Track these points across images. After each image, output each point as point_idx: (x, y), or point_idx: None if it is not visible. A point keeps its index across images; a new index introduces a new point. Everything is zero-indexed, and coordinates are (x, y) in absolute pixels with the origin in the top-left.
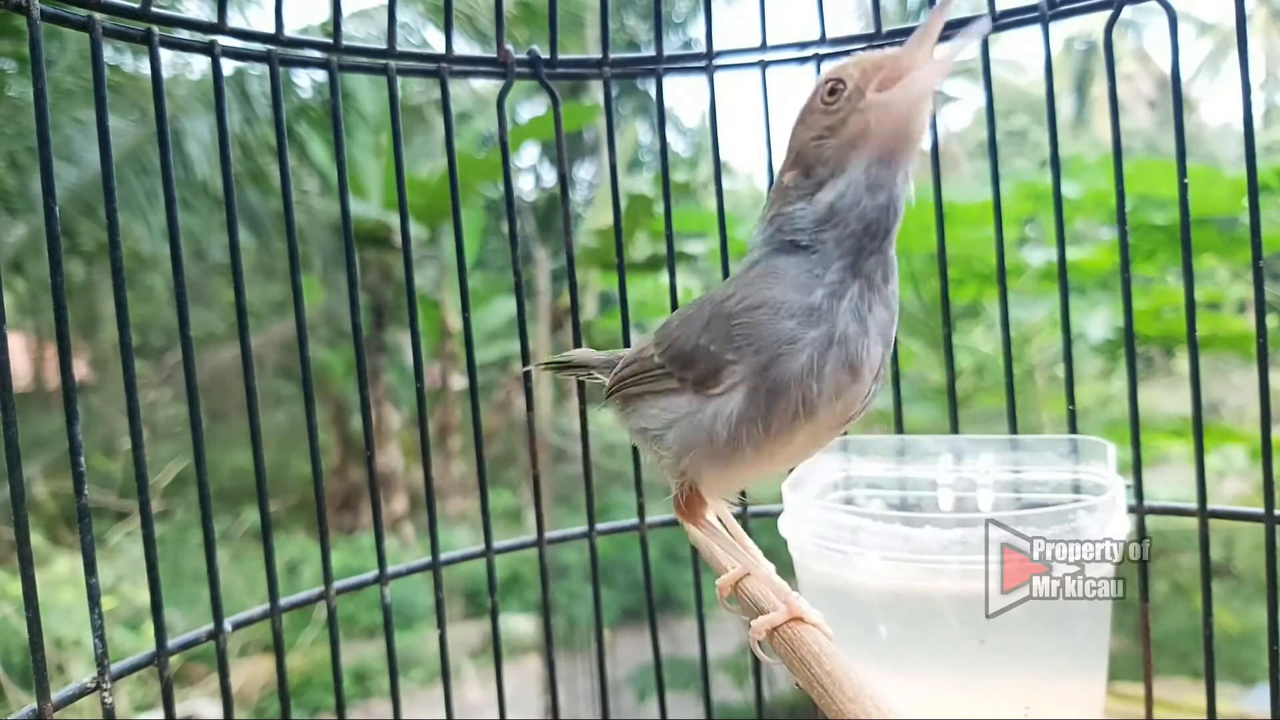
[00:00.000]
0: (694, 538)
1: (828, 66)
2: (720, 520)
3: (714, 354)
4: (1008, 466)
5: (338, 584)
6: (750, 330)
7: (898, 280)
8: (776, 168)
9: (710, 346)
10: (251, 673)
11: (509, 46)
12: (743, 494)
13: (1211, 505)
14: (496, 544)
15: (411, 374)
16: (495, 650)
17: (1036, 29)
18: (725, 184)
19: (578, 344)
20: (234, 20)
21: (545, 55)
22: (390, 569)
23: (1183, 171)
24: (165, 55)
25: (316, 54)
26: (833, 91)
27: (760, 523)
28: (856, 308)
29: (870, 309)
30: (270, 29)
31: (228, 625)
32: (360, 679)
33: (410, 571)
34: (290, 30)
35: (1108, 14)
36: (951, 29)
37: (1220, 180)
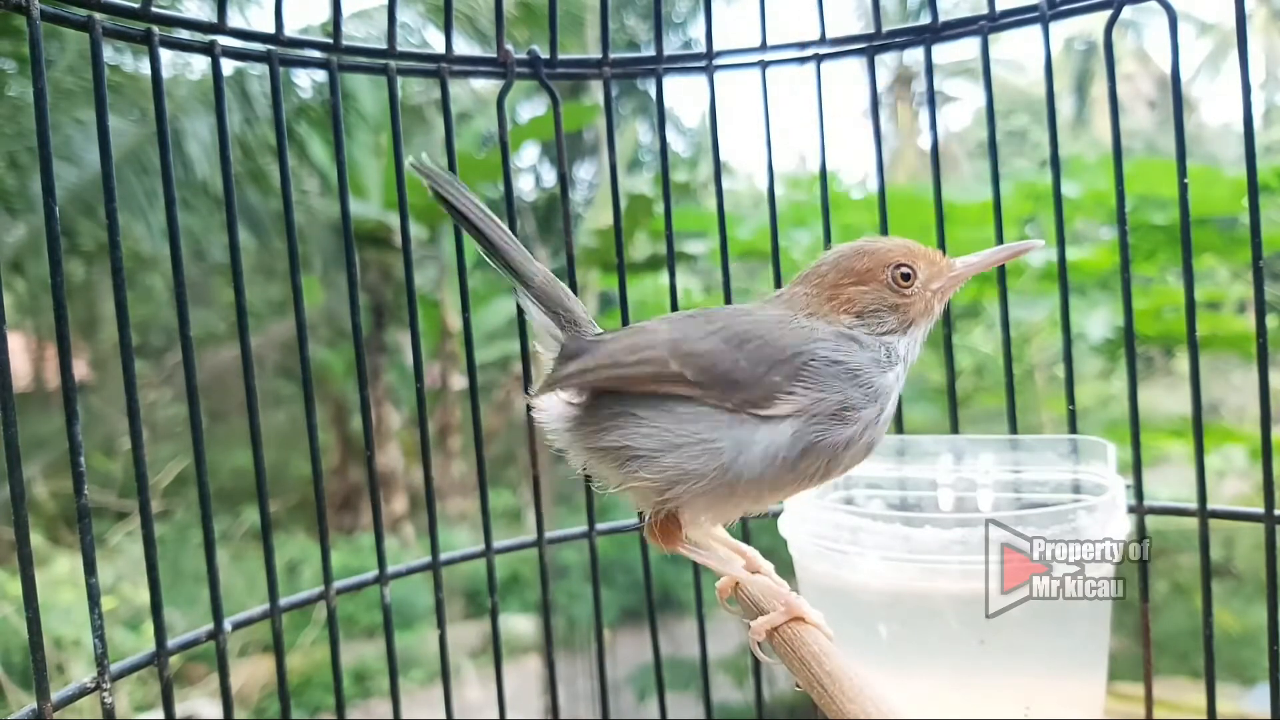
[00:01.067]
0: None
1: (884, 248)
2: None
3: (775, 384)
4: (1008, 466)
5: (338, 584)
6: (823, 380)
7: None
8: (776, 168)
9: (774, 378)
10: (251, 673)
11: (509, 46)
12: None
13: (1211, 505)
14: (496, 544)
15: (411, 374)
16: (495, 650)
17: (1036, 29)
18: (725, 184)
19: None
20: (234, 20)
21: (545, 55)
22: (390, 569)
23: (1183, 171)
24: (165, 55)
25: (316, 54)
26: (905, 278)
27: (760, 523)
28: (892, 400)
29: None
30: (270, 29)
31: (228, 625)
32: (360, 679)
33: (410, 571)
34: (290, 30)
35: (1108, 14)
36: (952, 29)
37: (1220, 180)
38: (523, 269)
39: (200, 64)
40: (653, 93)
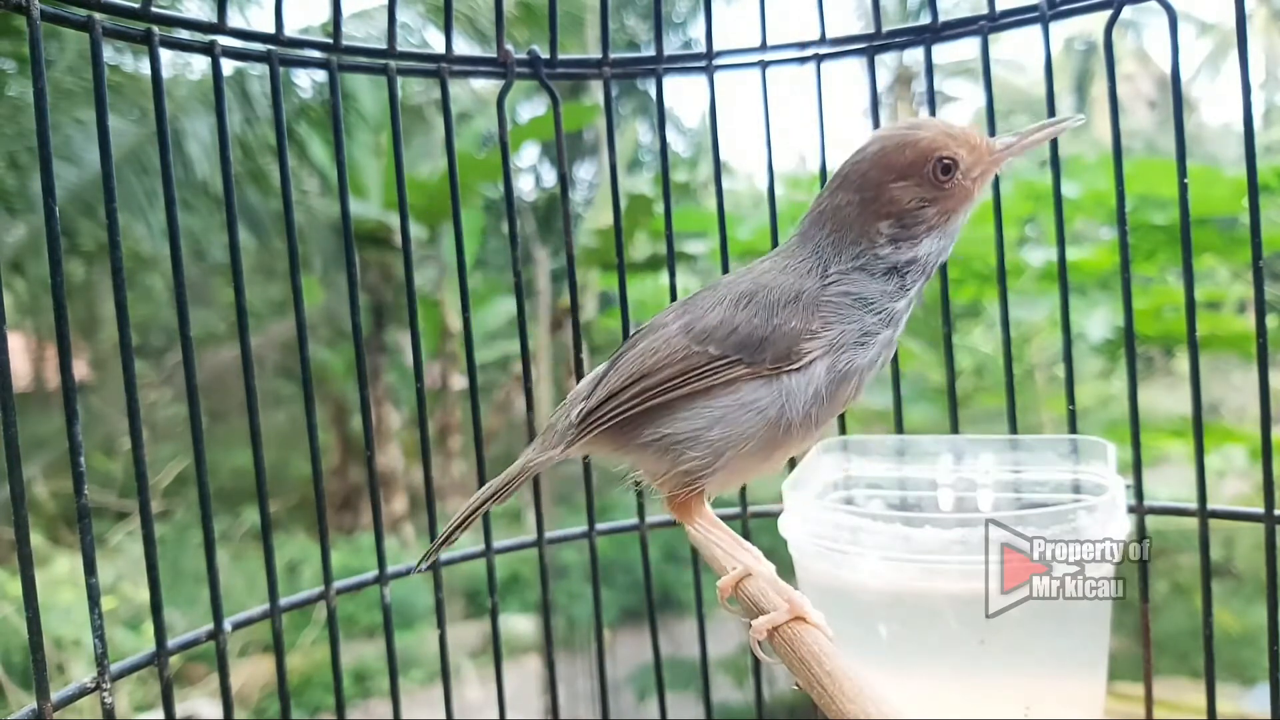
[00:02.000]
0: (694, 539)
1: (928, 137)
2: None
3: (795, 330)
4: (1008, 466)
5: (338, 584)
6: (840, 311)
7: None
8: (776, 168)
9: (792, 322)
10: (251, 673)
11: (509, 46)
12: (743, 494)
13: (1211, 505)
14: (496, 544)
15: (411, 374)
16: (495, 650)
17: (1036, 29)
18: (725, 184)
19: (578, 344)
20: (234, 20)
21: (545, 55)
22: (390, 569)
23: (1183, 171)
24: (165, 55)
25: (316, 54)
26: (946, 170)
27: (760, 523)
28: (904, 321)
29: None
30: (270, 29)
31: (228, 625)
32: (360, 679)
33: (410, 571)
34: (290, 30)
35: (1108, 14)
36: (952, 29)
37: (1220, 180)
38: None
39: (200, 64)
40: (653, 93)
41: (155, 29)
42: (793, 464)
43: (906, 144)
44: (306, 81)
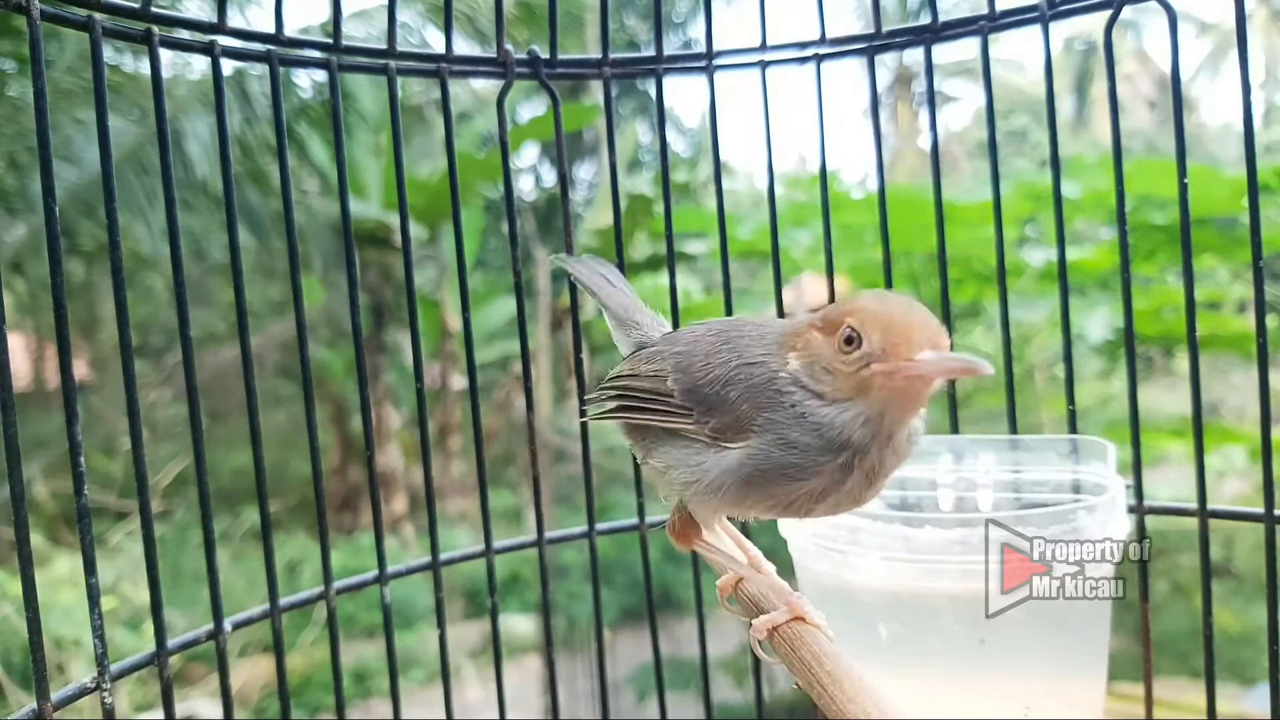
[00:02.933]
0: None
1: (854, 306)
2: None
3: (743, 411)
4: (1008, 466)
5: (338, 584)
6: (775, 410)
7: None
8: (776, 168)
9: (743, 405)
10: (251, 673)
11: (509, 46)
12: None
13: (1211, 505)
14: (496, 544)
15: (411, 374)
16: (495, 650)
17: (1036, 29)
18: (725, 184)
19: (577, 345)
20: (234, 20)
21: (545, 55)
22: (390, 569)
23: (1183, 171)
24: (165, 55)
25: (316, 54)
26: (849, 341)
27: (760, 523)
28: (870, 467)
29: (878, 476)
30: (270, 29)
31: (228, 625)
32: (360, 679)
33: (410, 571)
34: (290, 30)
35: (1108, 14)
36: (952, 29)
37: (1220, 180)
38: (609, 299)
39: (200, 64)
40: (653, 93)
41: (155, 29)
42: None
43: (848, 305)
44: (306, 81)
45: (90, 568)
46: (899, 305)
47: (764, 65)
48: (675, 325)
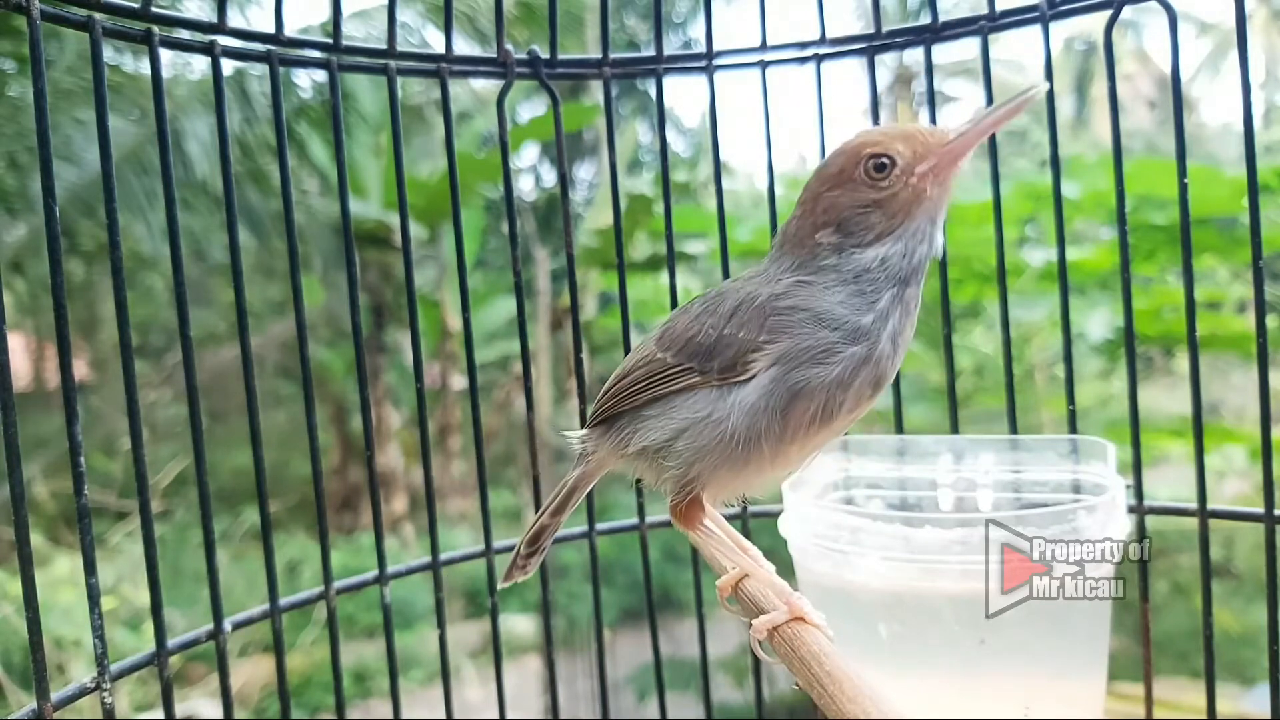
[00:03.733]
0: (694, 539)
1: (859, 140)
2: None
3: (743, 339)
4: (1008, 466)
5: (338, 584)
6: (789, 326)
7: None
8: (776, 168)
9: (739, 333)
10: (251, 673)
11: (509, 46)
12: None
13: (1211, 505)
14: (496, 544)
15: (411, 374)
16: (495, 650)
17: (1036, 29)
18: (725, 184)
19: (577, 344)
20: (234, 20)
21: (545, 55)
22: (390, 569)
23: (1183, 171)
24: (165, 55)
25: (316, 54)
26: (880, 168)
27: (760, 523)
28: (895, 331)
29: (903, 331)
30: (270, 29)
31: (228, 625)
32: (360, 679)
33: (410, 571)
34: (290, 30)
35: (1108, 14)
36: (952, 29)
37: (1220, 180)
38: None
39: (200, 64)
40: (653, 93)
41: (155, 29)
42: None
43: (838, 150)
44: (306, 81)
45: (90, 568)
46: (893, 126)
47: (764, 65)
48: None
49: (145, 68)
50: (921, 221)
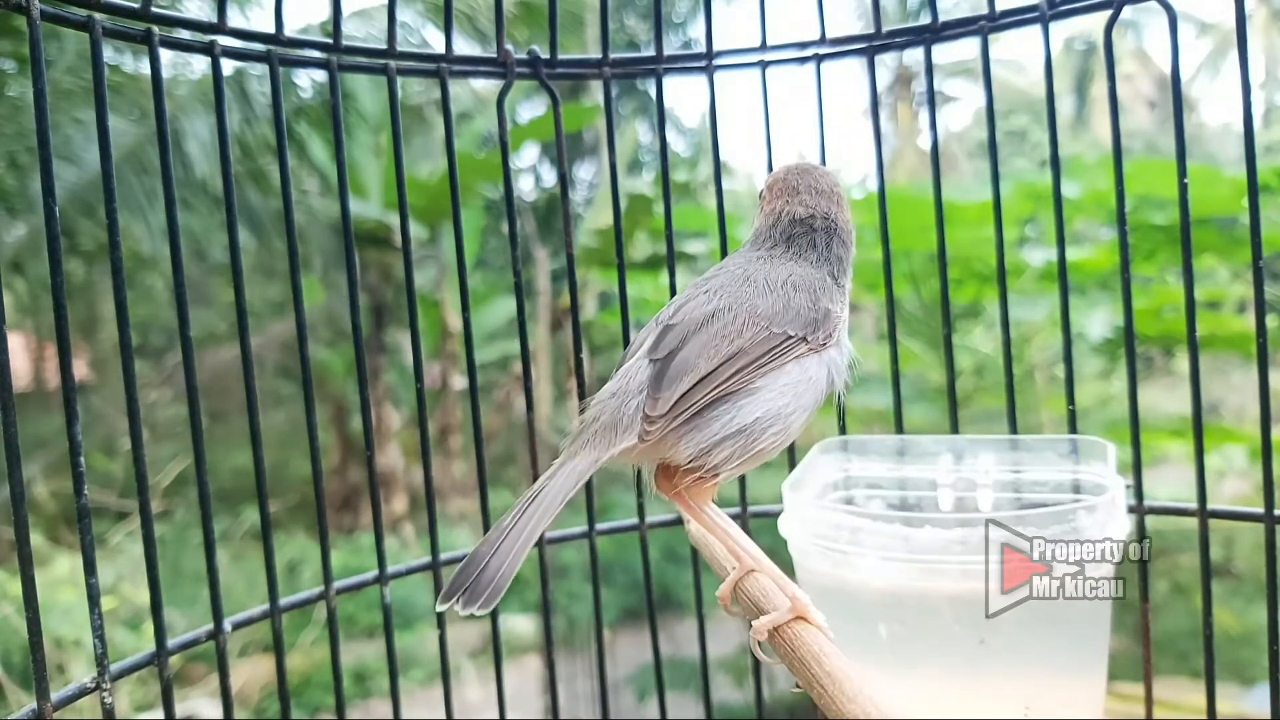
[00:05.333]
0: (694, 539)
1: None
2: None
3: (832, 312)
4: (1008, 466)
5: (338, 584)
6: (841, 299)
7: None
8: (776, 167)
9: (828, 306)
10: (251, 673)
11: (509, 46)
12: (743, 494)
13: (1211, 505)
14: None
15: (411, 374)
16: (495, 650)
17: (1036, 29)
18: (725, 184)
19: (577, 344)
20: (234, 20)
21: (545, 55)
22: (390, 569)
23: (1183, 171)
24: (165, 55)
25: (316, 54)
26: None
27: (760, 523)
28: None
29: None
30: (270, 29)
31: (228, 625)
32: (360, 679)
33: (410, 571)
34: (290, 30)
35: (1108, 14)
36: (952, 29)
37: (1220, 180)
38: None
39: (200, 64)
40: (653, 93)
41: (155, 29)
42: (792, 464)
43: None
44: (306, 81)
45: (90, 568)
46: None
47: (764, 65)
48: None
49: (145, 68)
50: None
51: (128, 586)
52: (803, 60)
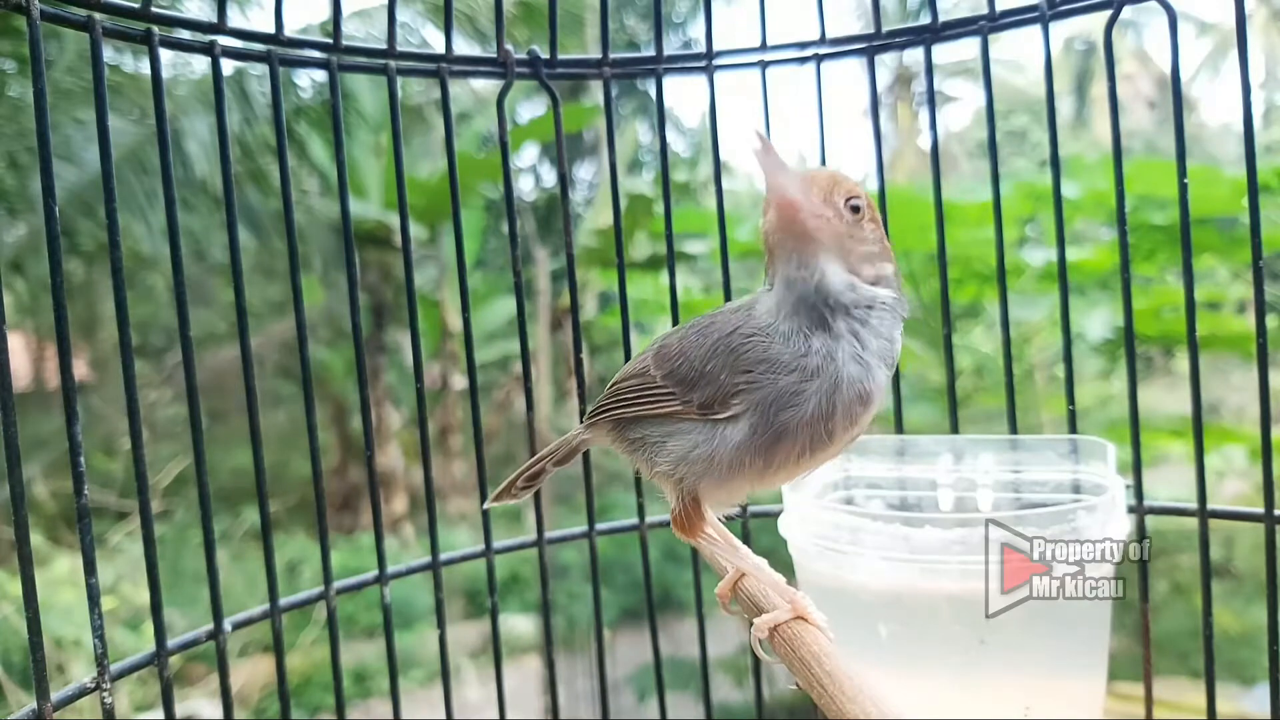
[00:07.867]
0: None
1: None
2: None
3: (723, 381)
4: (1008, 466)
5: (338, 584)
6: (754, 377)
7: (891, 318)
8: None
9: (720, 374)
10: (251, 673)
11: (509, 46)
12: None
13: (1211, 505)
14: (496, 544)
15: (411, 374)
16: (495, 650)
17: (1036, 29)
18: (725, 184)
19: (577, 344)
20: (234, 20)
21: (545, 55)
22: (390, 569)
23: (1183, 171)
24: (165, 55)
25: (316, 54)
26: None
27: (760, 523)
28: (853, 352)
29: (864, 346)
30: (270, 29)
31: (228, 625)
32: (360, 679)
33: (410, 571)
34: (290, 30)
35: (1108, 14)
36: (952, 29)
37: (1220, 180)
38: None
39: (200, 64)
40: (653, 93)
41: (155, 29)
42: None
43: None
44: (306, 81)
45: (90, 568)
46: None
47: (764, 65)
48: (674, 325)
49: (145, 68)
50: (782, 262)
51: (128, 586)
52: (803, 60)
